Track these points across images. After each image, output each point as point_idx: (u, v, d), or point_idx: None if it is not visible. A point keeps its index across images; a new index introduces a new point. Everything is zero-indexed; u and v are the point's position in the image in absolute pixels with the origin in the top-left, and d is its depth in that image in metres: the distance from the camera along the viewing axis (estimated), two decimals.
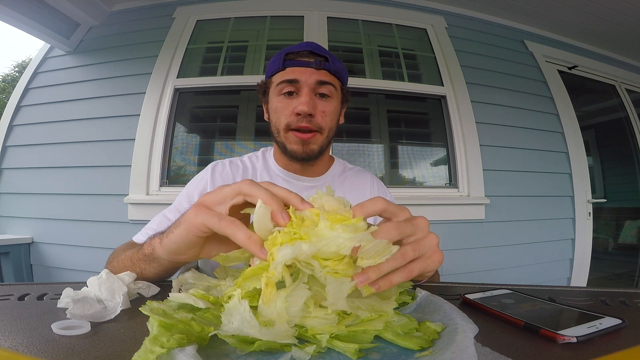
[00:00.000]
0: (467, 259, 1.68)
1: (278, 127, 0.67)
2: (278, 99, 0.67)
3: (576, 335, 0.26)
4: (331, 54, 0.69)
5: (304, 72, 0.65)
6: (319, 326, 0.27)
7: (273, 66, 0.69)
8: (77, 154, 1.70)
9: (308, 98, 0.64)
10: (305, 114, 0.63)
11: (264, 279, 0.25)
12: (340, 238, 0.25)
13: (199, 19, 1.93)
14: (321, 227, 0.26)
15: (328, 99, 0.67)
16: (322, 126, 0.66)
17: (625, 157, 2.48)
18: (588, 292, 0.43)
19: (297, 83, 0.65)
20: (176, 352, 0.21)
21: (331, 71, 0.67)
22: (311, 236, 0.25)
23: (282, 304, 0.25)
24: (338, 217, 0.27)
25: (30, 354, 0.23)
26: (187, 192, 0.71)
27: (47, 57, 1.94)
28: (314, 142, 0.66)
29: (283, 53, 0.68)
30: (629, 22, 2.05)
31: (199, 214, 0.32)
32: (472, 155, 1.74)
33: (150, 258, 0.40)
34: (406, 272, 0.29)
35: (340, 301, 0.26)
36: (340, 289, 0.26)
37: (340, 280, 0.26)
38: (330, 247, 0.26)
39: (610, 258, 2.66)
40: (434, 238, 0.32)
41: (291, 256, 0.25)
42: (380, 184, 0.82)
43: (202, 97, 1.85)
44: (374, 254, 0.27)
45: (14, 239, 1.64)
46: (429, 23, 2.01)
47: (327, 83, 0.66)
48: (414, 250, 0.30)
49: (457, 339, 0.24)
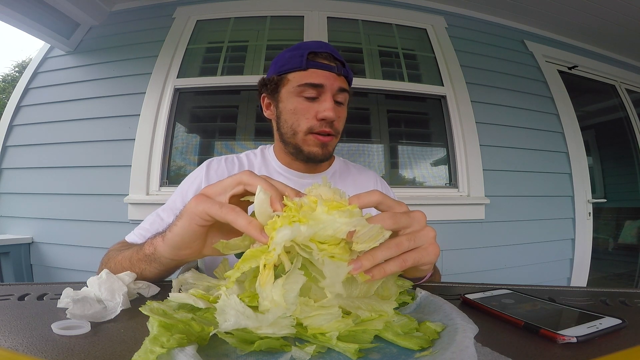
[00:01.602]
0: (467, 259, 1.68)
1: (296, 129, 0.66)
2: (298, 100, 0.66)
3: (576, 335, 0.26)
4: (343, 59, 0.70)
5: (328, 77, 0.65)
6: (326, 323, 0.27)
7: (291, 62, 0.66)
8: (77, 154, 1.70)
9: (333, 104, 0.64)
10: (331, 120, 0.65)
11: (262, 260, 0.26)
12: (336, 222, 0.26)
13: (199, 19, 1.93)
14: (319, 211, 0.27)
15: (342, 104, 0.69)
16: (339, 130, 0.69)
17: (625, 157, 2.48)
18: (588, 292, 0.43)
19: (322, 88, 0.64)
20: (176, 352, 0.21)
21: (347, 77, 0.69)
22: (309, 219, 0.26)
23: (279, 291, 0.25)
24: (335, 204, 0.28)
25: (30, 354, 0.23)
26: (181, 191, 0.70)
27: (47, 57, 1.94)
28: (331, 144, 0.69)
29: (305, 51, 0.66)
30: (629, 22, 2.05)
31: (201, 203, 0.32)
32: (472, 155, 1.75)
33: (152, 258, 0.40)
34: (400, 262, 0.29)
35: (337, 284, 0.27)
36: (337, 272, 0.27)
37: (337, 264, 0.27)
38: (327, 231, 0.26)
39: (610, 258, 2.66)
40: (431, 231, 0.32)
41: (290, 237, 0.25)
42: (384, 183, 0.82)
43: (202, 97, 1.85)
44: (367, 238, 0.27)
45: (14, 239, 1.64)
46: (429, 23, 2.01)
47: (345, 91, 0.68)
48: (409, 241, 0.30)
49: (457, 339, 0.24)
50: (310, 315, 0.27)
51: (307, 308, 0.27)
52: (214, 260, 0.63)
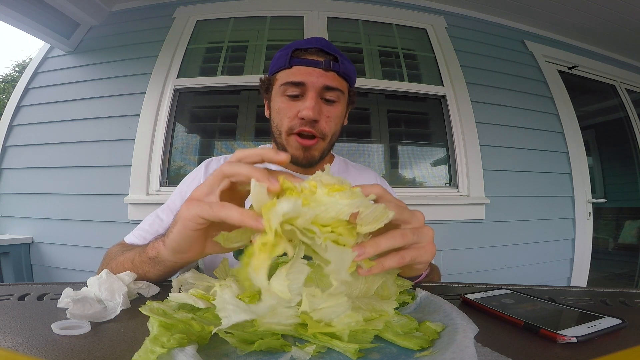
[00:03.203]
0: (467, 259, 1.68)
1: (280, 128, 0.65)
2: (281, 99, 0.64)
3: (576, 335, 0.26)
4: (341, 53, 0.66)
5: (312, 73, 0.62)
6: (335, 317, 0.26)
7: (279, 62, 0.65)
8: (77, 154, 1.70)
9: (314, 102, 0.61)
10: (310, 119, 0.61)
11: (257, 242, 0.23)
12: (338, 204, 0.25)
13: (199, 19, 1.92)
14: (319, 194, 0.26)
15: (334, 103, 0.65)
16: (326, 132, 0.64)
17: (625, 157, 2.48)
18: (588, 292, 0.43)
19: (303, 86, 0.62)
20: (176, 352, 0.21)
21: (340, 73, 0.64)
22: (310, 202, 0.25)
23: (283, 282, 0.24)
24: (336, 187, 0.27)
25: (30, 354, 0.23)
26: (180, 191, 0.69)
27: (47, 57, 1.94)
28: (316, 149, 0.64)
29: (290, 49, 0.65)
30: (629, 22, 2.05)
31: (191, 208, 0.32)
32: (472, 155, 1.74)
33: (156, 261, 0.40)
34: (398, 258, 0.29)
35: (343, 271, 0.25)
36: (342, 257, 0.25)
37: (341, 249, 0.25)
38: (330, 213, 0.25)
39: (610, 258, 2.66)
40: (430, 230, 0.32)
41: (289, 211, 0.23)
42: (384, 182, 0.82)
43: (202, 97, 1.85)
44: (372, 219, 0.26)
45: (14, 239, 1.64)
46: (429, 23, 2.01)
47: (334, 89, 0.63)
48: (414, 234, 0.30)
49: (457, 339, 0.24)
50: (318, 307, 0.26)
51: (315, 300, 0.26)
52: (214, 260, 0.63)
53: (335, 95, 0.64)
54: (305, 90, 0.62)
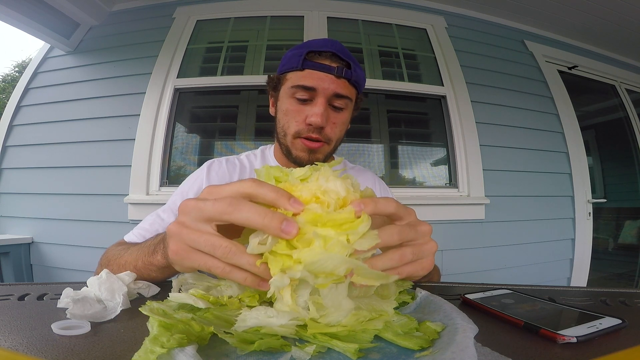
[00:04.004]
0: (467, 259, 1.68)
1: (286, 130, 0.65)
2: (290, 101, 0.64)
3: (576, 335, 0.26)
4: (354, 59, 0.65)
5: (323, 79, 0.61)
6: (343, 319, 0.27)
7: (291, 62, 0.65)
8: (77, 154, 1.70)
9: (322, 109, 0.61)
10: (318, 126, 0.61)
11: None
12: (334, 260, 0.24)
13: (199, 19, 1.93)
14: (314, 247, 0.25)
15: (341, 110, 0.65)
16: (331, 137, 0.65)
17: (625, 157, 2.48)
18: (588, 292, 0.43)
19: (314, 91, 0.62)
20: (176, 352, 0.21)
21: (351, 81, 0.64)
22: (304, 260, 0.24)
23: (290, 299, 0.26)
24: (338, 220, 0.26)
25: (30, 354, 0.23)
26: (182, 192, 0.69)
27: (47, 57, 1.94)
28: (321, 152, 0.65)
29: (304, 50, 0.63)
30: (629, 22, 2.05)
31: (185, 259, 0.30)
32: (472, 155, 1.74)
33: (163, 268, 0.39)
34: (395, 274, 0.29)
35: (343, 302, 0.27)
36: (337, 293, 0.26)
37: (335, 286, 0.26)
38: (325, 268, 0.25)
39: (610, 258, 2.66)
40: (434, 246, 0.32)
41: (285, 284, 0.25)
42: (382, 184, 0.82)
43: (202, 97, 1.85)
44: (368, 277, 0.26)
45: (14, 239, 1.64)
46: (429, 23, 2.01)
47: (344, 97, 0.63)
48: (413, 254, 0.30)
49: (457, 339, 0.24)
50: (324, 313, 0.27)
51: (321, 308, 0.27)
52: None
53: (344, 103, 0.64)
54: (315, 95, 0.62)
